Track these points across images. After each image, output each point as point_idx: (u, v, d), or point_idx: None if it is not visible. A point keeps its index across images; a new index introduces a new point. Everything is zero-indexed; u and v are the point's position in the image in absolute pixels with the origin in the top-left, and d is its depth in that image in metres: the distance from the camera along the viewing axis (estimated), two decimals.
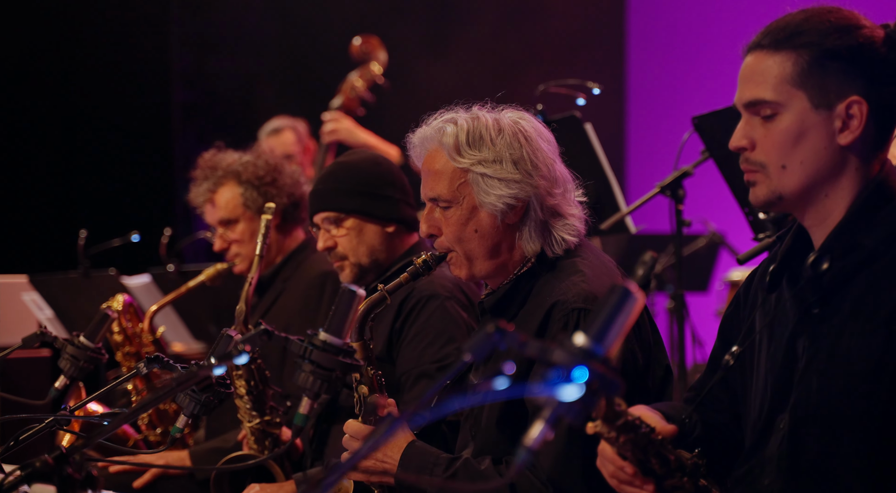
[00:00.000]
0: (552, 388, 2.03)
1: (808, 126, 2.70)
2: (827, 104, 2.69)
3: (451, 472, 3.32)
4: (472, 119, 3.49)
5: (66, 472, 2.46)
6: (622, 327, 2.18)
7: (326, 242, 4.33)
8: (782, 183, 2.73)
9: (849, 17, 2.74)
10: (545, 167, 3.46)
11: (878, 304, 2.64)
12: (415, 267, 3.53)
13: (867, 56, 2.69)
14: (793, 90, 2.70)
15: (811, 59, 2.69)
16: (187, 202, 5.54)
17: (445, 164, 3.49)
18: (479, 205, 3.46)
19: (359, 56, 7.74)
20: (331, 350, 2.88)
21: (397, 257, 4.35)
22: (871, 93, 2.69)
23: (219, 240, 5.28)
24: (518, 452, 2.08)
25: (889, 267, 2.65)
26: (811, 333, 2.74)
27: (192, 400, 3.42)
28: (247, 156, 5.30)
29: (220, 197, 5.23)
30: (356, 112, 7.63)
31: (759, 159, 2.75)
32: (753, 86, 2.75)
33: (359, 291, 2.94)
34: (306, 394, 2.91)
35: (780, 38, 2.73)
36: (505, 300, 3.52)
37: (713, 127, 4.54)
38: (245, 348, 2.54)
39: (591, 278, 3.41)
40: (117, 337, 5.13)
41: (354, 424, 3.45)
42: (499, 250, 3.50)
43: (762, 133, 2.74)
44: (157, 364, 3.45)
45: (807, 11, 2.76)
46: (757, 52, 2.77)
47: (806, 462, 2.68)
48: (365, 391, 3.46)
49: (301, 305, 5.07)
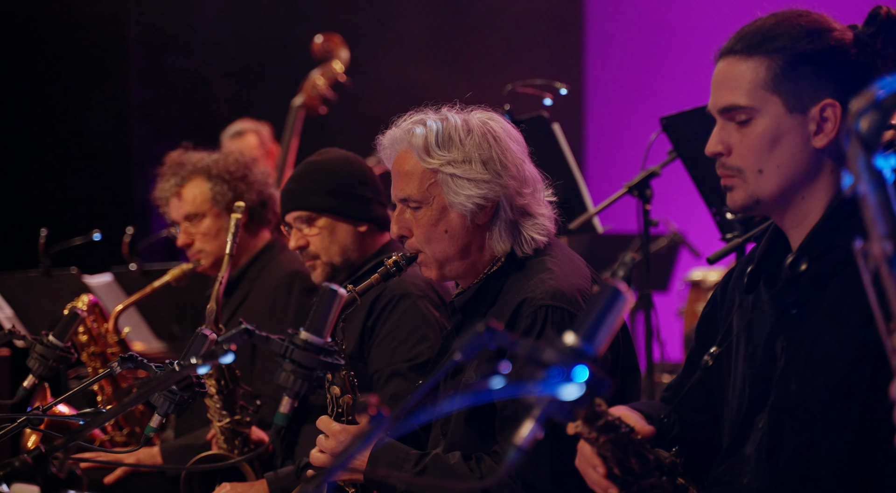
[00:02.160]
0: (542, 387, 2.04)
1: (783, 130, 2.72)
2: (801, 108, 2.71)
3: (420, 467, 3.34)
4: (442, 120, 3.50)
5: (49, 471, 2.45)
6: (612, 326, 2.19)
7: (298, 241, 4.33)
8: (759, 187, 2.75)
9: (819, 20, 2.77)
10: (514, 167, 3.48)
11: (855, 305, 2.65)
12: (385, 268, 3.53)
13: (839, 59, 2.73)
14: (767, 95, 2.73)
15: (784, 63, 2.72)
16: (144, 201, 5.51)
17: (415, 165, 3.50)
18: (449, 205, 3.48)
19: (321, 54, 7.72)
20: (312, 349, 2.88)
21: (369, 256, 4.36)
22: (844, 95, 2.71)
23: (183, 235, 5.24)
24: (507, 451, 2.09)
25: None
26: (789, 333, 2.76)
27: (166, 399, 3.42)
28: (216, 153, 5.28)
29: (187, 192, 5.19)
30: (318, 110, 7.61)
31: (736, 164, 2.77)
32: (728, 92, 2.78)
33: (340, 290, 2.95)
34: (287, 393, 2.91)
35: (752, 43, 2.76)
36: (475, 300, 3.54)
37: (681, 127, 4.57)
38: (231, 347, 2.54)
39: (560, 275, 3.43)
40: (82, 337, 5.10)
41: (328, 421, 3.45)
42: (469, 251, 3.52)
43: (738, 138, 2.76)
44: (132, 364, 3.43)
45: (778, 16, 2.78)
46: (729, 58, 2.79)
47: (785, 462, 2.71)
48: (337, 392, 3.46)
49: (269, 304, 5.06)
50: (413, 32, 10.74)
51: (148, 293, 5.34)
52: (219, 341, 2.72)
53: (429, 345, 4.05)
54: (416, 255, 3.55)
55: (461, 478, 3.29)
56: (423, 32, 10.79)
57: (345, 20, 10.16)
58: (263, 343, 2.86)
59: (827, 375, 2.67)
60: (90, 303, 5.05)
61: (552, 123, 5.15)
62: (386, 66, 10.38)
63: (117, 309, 5.28)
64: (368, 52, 9.67)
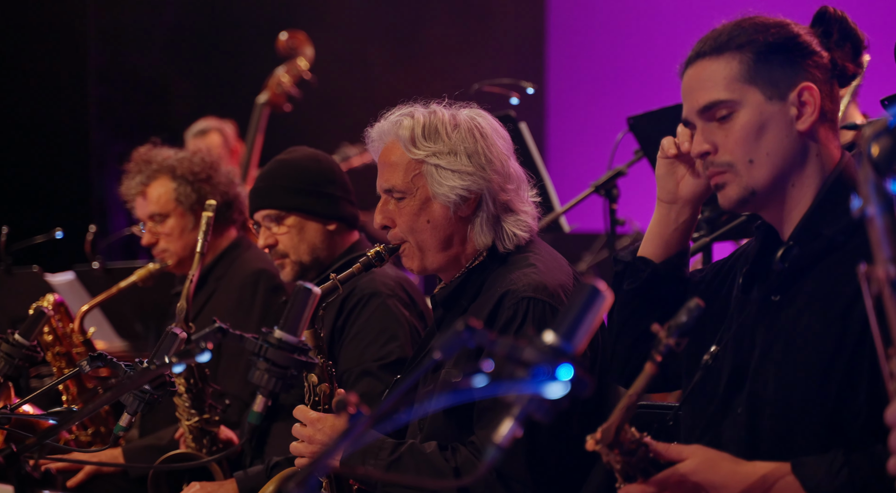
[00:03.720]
0: (526, 385, 2.05)
1: (766, 118, 2.76)
2: (779, 95, 2.76)
3: (396, 455, 3.35)
4: (430, 113, 3.55)
5: (23, 471, 2.44)
6: (591, 325, 2.20)
7: (267, 239, 4.33)
8: (753, 178, 2.78)
9: (776, 16, 2.85)
10: (499, 163, 3.52)
11: (834, 296, 2.69)
12: (367, 258, 3.55)
13: (804, 47, 2.79)
14: (745, 87, 2.77)
15: (755, 55, 2.77)
16: (103, 199, 5.48)
17: (401, 155, 3.54)
18: (433, 196, 3.51)
19: (285, 51, 7.70)
20: (286, 348, 2.88)
21: (338, 255, 4.36)
22: (814, 78, 2.78)
23: (148, 234, 5.23)
24: (486, 448, 2.10)
25: (846, 258, 2.70)
26: (769, 321, 2.80)
27: (136, 398, 3.40)
28: (183, 152, 5.26)
29: (152, 191, 5.18)
30: (283, 108, 7.60)
31: (725, 160, 2.79)
32: (704, 92, 2.81)
33: (314, 289, 2.94)
34: (261, 392, 2.91)
35: (720, 42, 2.80)
36: (456, 293, 3.56)
37: (648, 127, 4.60)
38: (207, 345, 2.53)
39: (543, 270, 3.46)
40: (47, 337, 5.06)
41: (305, 410, 3.44)
42: (451, 242, 3.54)
43: (722, 134, 2.79)
44: (101, 363, 3.42)
45: (737, 19, 2.85)
46: (699, 62, 2.83)
47: (764, 449, 2.73)
48: (314, 380, 3.46)
49: (235, 303, 5.04)
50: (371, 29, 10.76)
51: (114, 293, 5.31)
52: (193, 339, 2.71)
53: (399, 344, 4.06)
54: (399, 246, 3.57)
55: (436, 468, 3.31)
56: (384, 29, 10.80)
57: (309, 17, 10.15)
58: (237, 342, 2.85)
59: (803, 365, 2.70)
60: (56, 302, 5.02)
61: (519, 122, 5.17)
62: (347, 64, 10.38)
63: (83, 309, 5.25)
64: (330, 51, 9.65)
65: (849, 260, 2.68)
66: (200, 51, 11.11)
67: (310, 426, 3.39)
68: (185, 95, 10.99)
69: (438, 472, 3.30)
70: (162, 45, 11.00)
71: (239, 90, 10.17)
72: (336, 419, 3.36)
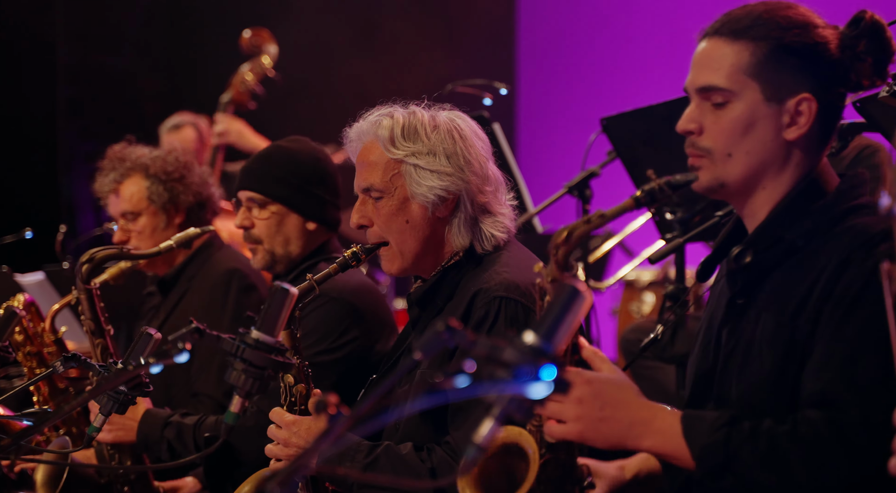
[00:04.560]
0: (507, 385, 2.06)
1: (757, 117, 2.75)
2: (778, 98, 2.74)
3: (372, 458, 3.36)
4: (409, 114, 3.56)
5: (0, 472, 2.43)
6: (570, 325, 2.22)
7: (244, 221, 4.33)
8: (726, 171, 2.78)
9: (806, 14, 2.80)
10: (478, 164, 3.53)
11: (788, 298, 2.71)
12: (344, 258, 3.55)
13: (822, 56, 2.76)
14: (747, 80, 2.75)
15: (768, 51, 2.74)
16: (71, 199, 5.46)
17: (380, 155, 3.54)
18: (411, 196, 3.52)
19: (249, 49, 7.68)
20: (263, 348, 2.87)
21: (308, 253, 4.35)
22: (821, 92, 2.76)
23: (120, 232, 5.21)
24: (466, 448, 2.10)
25: (803, 261, 2.72)
26: (733, 323, 2.82)
27: (110, 399, 3.38)
28: (157, 151, 5.24)
29: (125, 189, 5.16)
30: (247, 105, 7.58)
31: (706, 145, 2.78)
32: (708, 72, 2.79)
33: (291, 289, 2.94)
34: (237, 392, 2.90)
35: (739, 27, 2.78)
36: (431, 292, 3.58)
37: (621, 128, 4.61)
38: (186, 346, 2.52)
39: (515, 269, 3.48)
40: (18, 337, 5.01)
41: (280, 412, 3.44)
42: (429, 243, 3.56)
43: (711, 119, 2.78)
44: (74, 363, 3.40)
45: (767, 4, 2.81)
46: (715, 39, 2.81)
47: None
48: (290, 381, 3.45)
49: (206, 303, 5.02)
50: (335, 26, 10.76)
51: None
52: (170, 339, 2.70)
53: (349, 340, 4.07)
54: (375, 246, 3.58)
55: (412, 469, 3.31)
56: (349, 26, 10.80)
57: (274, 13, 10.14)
58: (214, 342, 2.84)
59: (760, 367, 2.72)
60: (26, 302, 4.98)
61: (492, 122, 5.18)
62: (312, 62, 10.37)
63: (54, 308, 5.21)
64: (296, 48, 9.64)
65: (804, 263, 2.72)
66: (168, 50, 11.08)
67: (286, 428, 3.39)
68: (154, 95, 10.96)
69: (415, 473, 3.31)
70: (130, 44, 10.96)
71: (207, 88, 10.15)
72: (312, 422, 3.36)
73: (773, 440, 2.56)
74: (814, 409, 2.58)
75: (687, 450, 2.59)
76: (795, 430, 2.56)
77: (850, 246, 2.67)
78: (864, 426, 2.51)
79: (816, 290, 2.66)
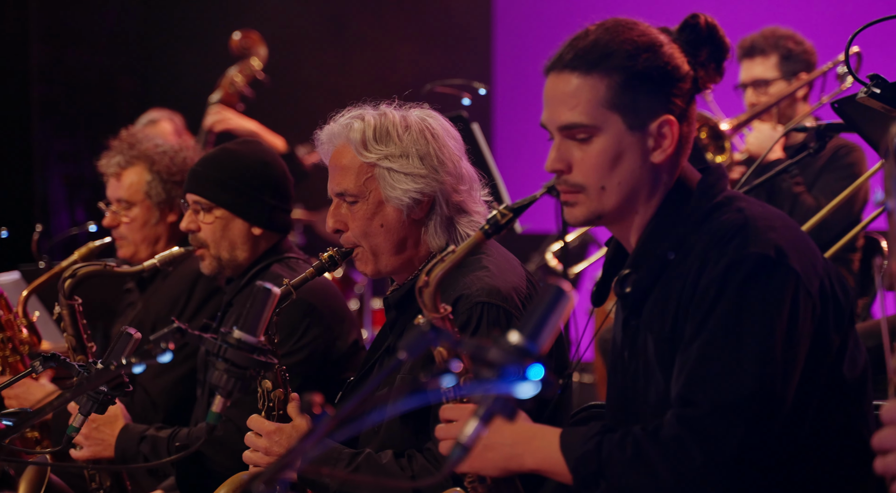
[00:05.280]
0: (494, 385, 2.06)
1: (623, 147, 2.75)
2: (640, 125, 2.75)
3: (353, 466, 3.34)
4: (380, 116, 3.53)
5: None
6: (555, 325, 2.22)
7: (190, 224, 4.31)
8: (602, 204, 2.79)
9: (647, 33, 2.79)
10: (451, 164, 3.52)
11: (665, 313, 2.74)
12: (321, 262, 3.53)
13: (672, 75, 2.76)
14: (607, 113, 2.74)
15: (622, 81, 2.73)
16: (46, 198, 5.43)
17: (352, 159, 3.52)
18: (386, 199, 3.50)
19: (238, 51, 7.67)
20: (245, 348, 2.87)
21: (257, 257, 4.34)
22: (675, 108, 2.77)
23: (111, 216, 5.18)
24: (452, 449, 2.11)
25: (675, 274, 2.75)
26: (631, 346, 2.86)
27: (90, 399, 3.38)
28: (168, 146, 5.20)
29: (126, 176, 5.13)
30: (235, 107, 7.57)
31: (578, 181, 2.78)
32: (566, 109, 2.77)
33: (274, 289, 2.93)
34: (219, 392, 2.89)
35: (590, 59, 2.76)
36: (409, 295, 3.55)
37: None
38: (169, 345, 2.52)
39: (496, 273, 3.46)
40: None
41: (259, 420, 3.41)
42: (404, 245, 3.54)
43: (579, 156, 2.77)
44: (54, 363, 3.39)
45: (609, 30, 2.79)
46: (566, 74, 2.78)
47: None
48: (268, 386, 3.43)
49: (171, 303, 5.01)
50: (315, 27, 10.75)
51: (56, 271, 5.21)
52: (152, 339, 2.69)
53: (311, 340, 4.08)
54: (351, 250, 3.57)
55: (393, 478, 3.30)
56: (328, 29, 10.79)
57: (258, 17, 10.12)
58: (196, 342, 2.84)
59: (656, 388, 2.77)
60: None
61: (471, 122, 5.18)
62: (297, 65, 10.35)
63: (24, 294, 5.18)
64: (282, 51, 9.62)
65: (675, 275, 2.75)
66: (144, 49, 11.04)
67: (266, 437, 3.36)
68: (130, 94, 10.91)
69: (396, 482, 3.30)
70: (105, 43, 10.91)
71: (182, 87, 10.12)
72: (293, 430, 3.34)
73: (637, 444, 2.61)
74: (673, 410, 2.64)
75: (565, 464, 2.66)
76: (656, 432, 2.61)
77: (706, 247, 2.70)
78: (715, 415, 2.56)
79: (684, 298, 2.70)
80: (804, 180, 5.73)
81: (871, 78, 3.42)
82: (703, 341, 2.63)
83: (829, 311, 2.69)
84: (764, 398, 2.56)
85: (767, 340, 2.58)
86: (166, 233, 5.15)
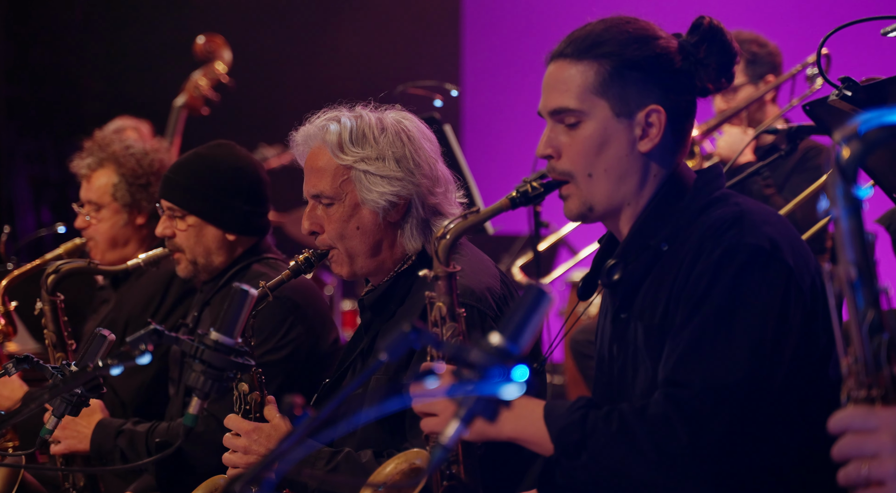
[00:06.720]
0: (477, 387, 2.06)
1: (610, 134, 2.81)
2: (628, 113, 2.81)
3: (332, 465, 3.34)
4: (356, 118, 3.53)
5: None
6: (536, 326, 2.22)
7: (165, 229, 4.32)
8: (591, 192, 2.84)
9: (646, 27, 2.87)
10: (427, 166, 3.53)
11: (656, 304, 2.78)
12: (297, 264, 3.54)
13: (664, 66, 2.83)
14: (595, 99, 2.81)
15: (612, 68, 2.81)
16: (11, 199, 5.40)
17: (328, 161, 3.52)
18: (362, 202, 3.51)
19: (203, 55, 7.66)
20: (222, 350, 2.85)
21: (233, 260, 4.33)
22: (668, 101, 2.82)
23: (81, 218, 5.18)
24: (433, 450, 2.11)
25: (668, 265, 2.79)
26: (620, 338, 2.88)
27: (63, 401, 3.36)
28: (138, 147, 5.18)
29: (95, 178, 5.14)
30: (200, 111, 7.55)
31: (566, 168, 2.84)
32: (558, 94, 2.85)
33: (251, 290, 2.92)
34: (196, 394, 2.88)
35: (582, 47, 2.84)
36: (385, 297, 3.57)
37: None
38: (148, 347, 2.51)
39: (470, 274, 3.47)
40: None
41: (237, 419, 3.41)
42: (380, 248, 3.55)
43: (566, 141, 2.84)
44: (27, 364, 3.37)
45: (606, 22, 2.88)
46: (560, 61, 2.87)
47: None
48: (245, 389, 3.43)
49: (145, 302, 5.00)
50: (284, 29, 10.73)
51: (38, 264, 5.19)
52: (129, 341, 2.68)
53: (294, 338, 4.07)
54: (327, 251, 3.57)
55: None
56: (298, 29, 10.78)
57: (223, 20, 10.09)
58: (173, 343, 2.83)
59: (644, 378, 2.79)
60: None
61: (443, 124, 5.19)
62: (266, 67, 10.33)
63: (2, 284, 5.17)
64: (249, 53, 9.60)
65: (667, 267, 2.78)
66: (111, 50, 10.98)
67: (245, 436, 3.36)
68: (96, 95, 10.86)
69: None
70: (72, 43, 10.86)
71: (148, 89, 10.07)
72: (272, 429, 3.34)
73: (623, 418, 2.64)
74: (661, 389, 2.67)
75: (546, 434, 2.67)
76: (644, 409, 2.64)
77: (701, 239, 2.74)
78: (703, 396, 2.59)
79: (676, 286, 2.73)
80: (774, 182, 5.76)
81: (843, 80, 3.44)
82: (695, 326, 2.66)
83: (818, 309, 2.73)
84: (752, 385, 2.59)
85: (759, 328, 2.61)
86: (135, 235, 5.14)
